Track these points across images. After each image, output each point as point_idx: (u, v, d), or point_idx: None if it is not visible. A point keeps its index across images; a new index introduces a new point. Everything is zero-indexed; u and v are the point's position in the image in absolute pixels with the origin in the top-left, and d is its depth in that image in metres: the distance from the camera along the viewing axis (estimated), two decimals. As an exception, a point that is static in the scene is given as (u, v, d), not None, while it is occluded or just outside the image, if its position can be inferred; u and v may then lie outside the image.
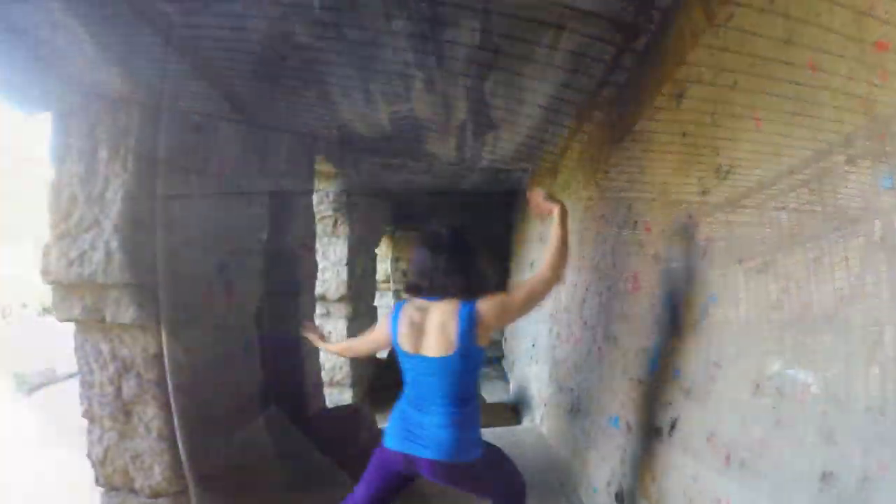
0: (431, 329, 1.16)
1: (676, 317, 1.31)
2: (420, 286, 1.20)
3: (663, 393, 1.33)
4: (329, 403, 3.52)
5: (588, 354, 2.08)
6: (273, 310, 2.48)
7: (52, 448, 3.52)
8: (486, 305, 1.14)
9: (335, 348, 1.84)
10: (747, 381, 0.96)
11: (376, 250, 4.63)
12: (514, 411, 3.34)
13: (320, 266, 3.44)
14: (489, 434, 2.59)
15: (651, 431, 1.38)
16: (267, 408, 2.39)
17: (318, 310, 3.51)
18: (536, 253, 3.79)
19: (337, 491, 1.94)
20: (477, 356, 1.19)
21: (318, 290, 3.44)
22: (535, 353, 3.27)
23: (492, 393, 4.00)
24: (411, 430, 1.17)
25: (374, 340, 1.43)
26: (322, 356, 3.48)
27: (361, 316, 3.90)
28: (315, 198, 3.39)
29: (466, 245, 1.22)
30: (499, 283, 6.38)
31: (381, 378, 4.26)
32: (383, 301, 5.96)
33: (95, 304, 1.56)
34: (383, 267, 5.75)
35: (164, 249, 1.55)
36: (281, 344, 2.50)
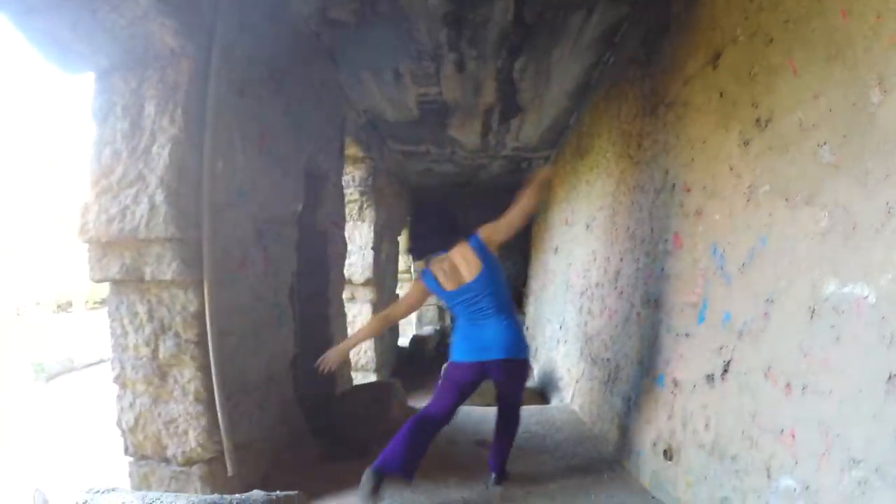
0: (459, 265, 1.52)
1: (724, 264, 1.28)
2: (434, 248, 1.58)
3: (713, 340, 1.31)
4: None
5: (626, 322, 2.03)
6: (305, 284, 2.45)
7: (70, 428, 3.54)
8: (484, 231, 1.53)
9: (370, 326, 1.84)
10: (803, 309, 0.97)
11: (399, 238, 4.59)
12: (541, 396, 3.23)
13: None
14: (523, 408, 2.51)
15: (701, 380, 1.35)
16: (299, 380, 2.35)
17: (344, 293, 3.47)
18: (559, 238, 3.69)
19: (367, 462, 1.89)
20: (498, 266, 1.55)
21: (345, 273, 3.40)
22: (563, 334, 3.18)
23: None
24: (475, 343, 1.51)
25: (409, 303, 1.71)
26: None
27: (385, 302, 3.85)
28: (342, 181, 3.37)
29: (447, 209, 1.68)
30: (519, 271, 6.27)
31: (403, 365, 4.20)
32: (402, 292, 5.90)
33: (135, 262, 1.52)
34: (403, 257, 5.70)
35: (209, 205, 1.53)
36: (312, 318, 2.47)
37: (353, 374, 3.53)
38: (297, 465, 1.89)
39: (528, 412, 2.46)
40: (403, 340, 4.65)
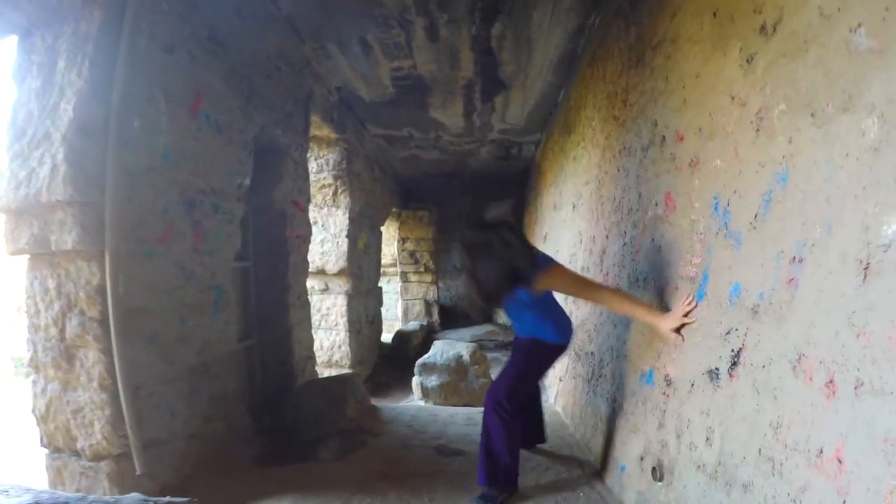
0: None
1: (730, 221, 1.00)
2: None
3: (717, 323, 1.01)
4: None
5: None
6: (261, 267, 2.25)
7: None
8: (546, 275, 1.37)
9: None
10: (850, 264, 0.67)
11: (381, 229, 4.38)
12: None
13: (319, 237, 3.22)
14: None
15: (701, 378, 1.05)
16: (251, 371, 2.14)
17: (317, 284, 3.28)
18: (549, 225, 3.42)
19: (313, 465, 1.67)
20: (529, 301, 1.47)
21: (318, 262, 3.22)
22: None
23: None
24: (567, 327, 1.56)
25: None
26: (315, 332, 3.24)
27: (364, 294, 3.64)
28: (314, 165, 3.19)
29: (494, 253, 1.35)
30: None
31: (384, 362, 3.96)
32: (390, 287, 5.69)
33: (42, 231, 1.36)
34: (390, 250, 5.50)
35: (116, 168, 1.33)
36: (269, 305, 2.26)
37: (327, 371, 3.31)
38: (232, 466, 1.67)
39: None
40: (388, 336, 4.42)
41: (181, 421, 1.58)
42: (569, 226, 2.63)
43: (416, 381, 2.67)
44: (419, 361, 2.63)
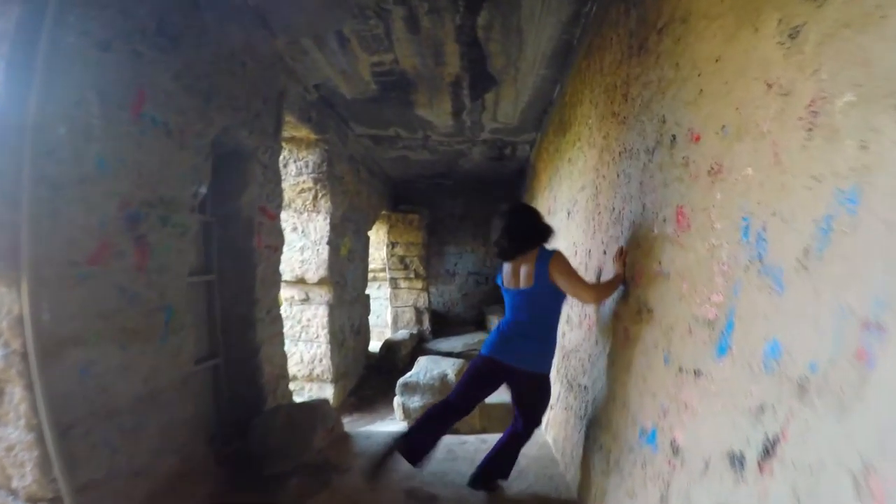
0: (521, 271, 1.58)
1: (767, 252, 0.77)
2: (503, 250, 1.60)
3: (745, 392, 0.78)
4: (308, 399, 3.12)
5: (607, 338, 1.58)
6: (227, 282, 2.11)
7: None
8: (557, 261, 1.51)
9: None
10: None
11: (369, 233, 4.22)
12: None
13: (299, 244, 3.08)
14: (487, 437, 2.08)
15: (719, 458, 0.83)
16: (217, 395, 2.01)
17: (297, 294, 3.14)
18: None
19: (276, 502, 1.52)
20: (551, 290, 1.52)
21: (297, 271, 3.07)
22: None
23: (498, 392, 3.34)
24: (501, 343, 1.57)
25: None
26: (291, 346, 3.10)
27: (348, 304, 3.49)
28: (293, 168, 3.04)
29: (526, 212, 1.64)
30: None
31: (371, 374, 3.83)
32: (371, 293, 5.53)
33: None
34: (380, 254, 5.34)
35: (36, 181, 1.18)
36: (235, 321, 2.12)
37: (308, 386, 3.18)
38: (184, 505, 1.54)
39: (492, 440, 2.04)
40: (377, 344, 4.28)
41: (124, 458, 1.45)
42: (563, 234, 2.46)
43: (397, 401, 2.52)
44: (401, 381, 2.49)
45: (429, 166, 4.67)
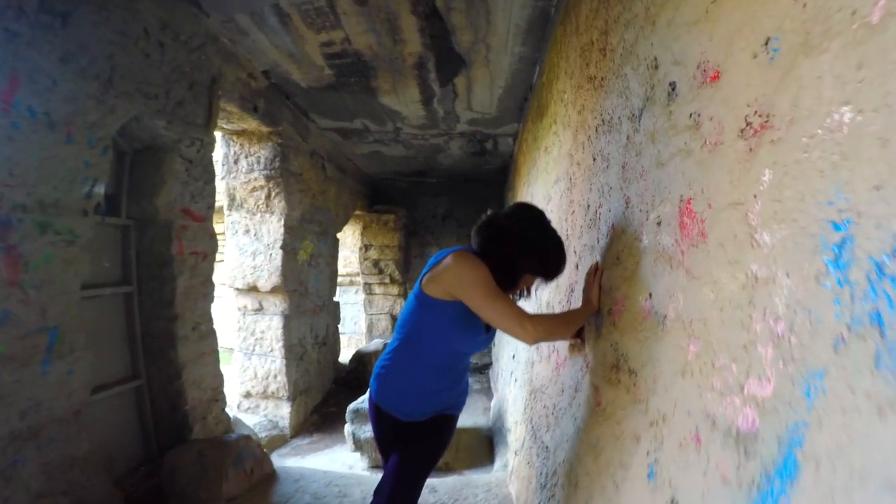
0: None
1: (882, 299, 0.34)
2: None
3: None
4: (263, 418, 2.90)
5: (575, 394, 1.18)
6: (143, 292, 1.89)
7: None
8: (451, 259, 1.01)
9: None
10: None
11: (338, 235, 3.99)
12: (489, 443, 2.55)
13: (251, 248, 2.86)
14: (437, 482, 1.83)
15: None
16: (116, 425, 1.79)
17: (249, 303, 2.92)
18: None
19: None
20: (427, 302, 1.03)
21: (249, 278, 2.85)
22: (515, 367, 2.45)
23: (470, 413, 3.06)
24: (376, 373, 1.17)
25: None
26: (244, 360, 2.87)
27: (309, 313, 3.26)
28: (245, 164, 2.81)
29: (495, 224, 1.08)
30: None
31: (340, 388, 3.60)
32: (348, 298, 5.29)
33: None
34: (355, 257, 5.10)
35: None
36: (155, 338, 1.90)
37: (264, 404, 2.96)
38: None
39: (447, 484, 1.78)
40: (344, 357, 4.04)
41: (-7, 510, 1.24)
42: (536, 239, 2.16)
43: (348, 429, 2.28)
44: (351, 406, 2.25)
45: (405, 163, 4.41)
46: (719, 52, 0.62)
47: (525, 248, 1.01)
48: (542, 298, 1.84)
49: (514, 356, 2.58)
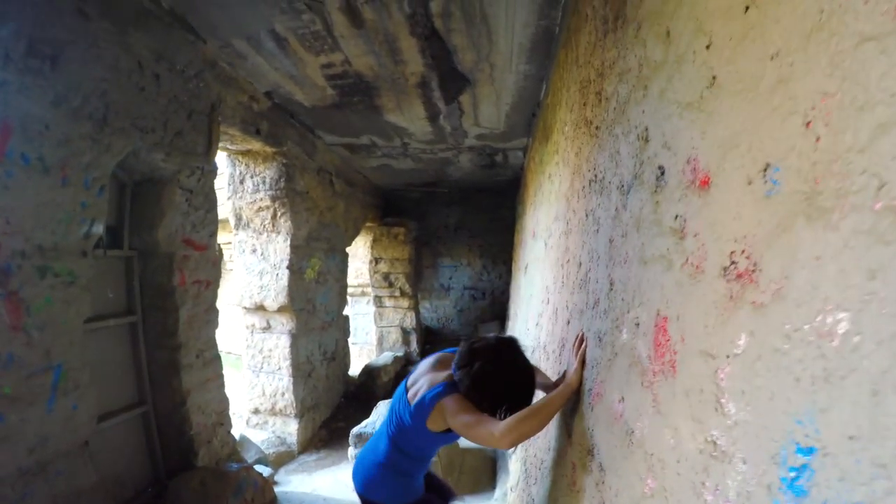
0: (425, 379, 1.23)
1: None
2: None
3: None
4: (271, 434, 2.96)
5: (559, 456, 1.14)
6: (147, 321, 1.93)
7: None
8: (448, 402, 1.12)
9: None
10: None
11: (351, 248, 3.98)
12: (493, 465, 2.47)
13: (258, 268, 2.89)
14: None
15: None
16: (118, 460, 1.85)
17: (257, 321, 2.96)
18: (529, 255, 2.83)
19: None
20: (422, 431, 1.18)
21: (256, 297, 2.89)
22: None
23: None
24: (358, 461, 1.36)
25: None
26: (252, 377, 2.92)
27: (318, 330, 3.28)
28: (250, 184, 2.83)
29: (493, 355, 1.15)
30: (505, 285, 5.43)
31: (349, 403, 3.62)
32: (360, 308, 5.30)
33: None
34: (366, 268, 5.10)
35: None
36: (162, 368, 1.95)
37: (272, 420, 3.02)
38: None
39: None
40: (354, 370, 4.06)
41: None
42: (540, 270, 2.07)
43: (351, 453, 2.28)
44: (354, 430, 2.23)
45: (416, 175, 4.34)
46: (711, 156, 0.51)
47: (493, 403, 1.08)
48: (541, 339, 1.73)
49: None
